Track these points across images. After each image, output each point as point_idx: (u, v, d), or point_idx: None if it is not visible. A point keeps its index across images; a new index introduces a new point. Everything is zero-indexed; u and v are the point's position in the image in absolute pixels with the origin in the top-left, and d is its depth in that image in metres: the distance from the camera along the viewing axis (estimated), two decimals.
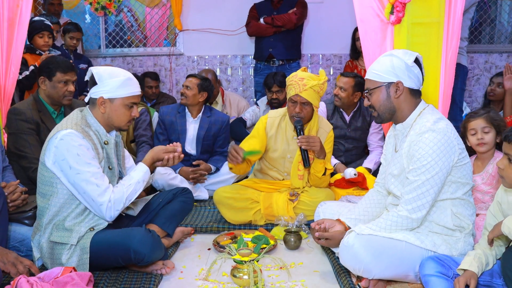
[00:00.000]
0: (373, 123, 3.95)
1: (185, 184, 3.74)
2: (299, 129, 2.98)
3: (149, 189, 3.58)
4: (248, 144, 3.10)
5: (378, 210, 2.43)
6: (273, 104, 4.49)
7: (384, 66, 2.15)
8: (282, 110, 3.23)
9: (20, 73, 3.67)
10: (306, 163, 2.98)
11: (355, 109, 3.94)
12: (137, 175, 2.36)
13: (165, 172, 3.75)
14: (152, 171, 2.47)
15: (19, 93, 3.96)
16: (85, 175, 2.17)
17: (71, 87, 3.06)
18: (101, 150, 2.32)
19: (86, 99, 2.36)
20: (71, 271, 1.99)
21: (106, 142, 2.34)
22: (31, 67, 3.75)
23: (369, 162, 3.87)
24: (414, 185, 2.05)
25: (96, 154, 2.27)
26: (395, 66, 2.13)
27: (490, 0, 5.93)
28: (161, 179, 3.71)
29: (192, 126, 3.92)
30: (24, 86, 3.79)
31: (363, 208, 2.42)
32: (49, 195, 2.25)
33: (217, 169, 3.91)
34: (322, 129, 3.18)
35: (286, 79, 3.10)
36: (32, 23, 3.79)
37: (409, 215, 2.06)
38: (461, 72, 3.72)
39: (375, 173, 3.76)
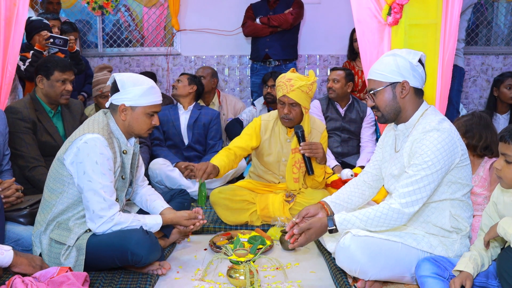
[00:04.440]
0: (366, 118, 4.08)
1: (183, 177, 3.75)
2: (300, 135, 2.95)
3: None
4: (241, 140, 3.12)
5: (360, 201, 2.41)
6: (267, 99, 4.53)
7: (388, 66, 2.13)
8: (274, 114, 3.21)
9: (23, 63, 3.65)
10: (310, 171, 2.95)
11: (349, 102, 4.10)
12: (150, 221, 2.35)
13: (164, 163, 3.79)
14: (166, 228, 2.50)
15: (23, 84, 3.93)
16: (96, 185, 2.16)
17: (69, 86, 3.06)
18: (119, 158, 2.32)
19: (107, 105, 2.36)
20: (66, 271, 1.98)
21: (124, 152, 2.35)
22: (31, 52, 3.70)
23: (362, 161, 3.91)
24: (412, 179, 2.03)
25: (114, 164, 2.26)
26: (400, 66, 2.11)
27: (486, 2, 5.95)
28: (159, 170, 3.73)
29: (184, 117, 4.10)
30: (30, 74, 3.66)
31: (347, 195, 2.39)
32: (59, 192, 2.25)
33: None
34: (315, 130, 3.16)
35: (276, 80, 3.09)
36: (31, 23, 3.77)
37: (401, 208, 2.02)
38: (457, 74, 3.75)
39: None
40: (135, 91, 2.28)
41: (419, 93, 2.18)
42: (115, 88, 2.31)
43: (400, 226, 2.11)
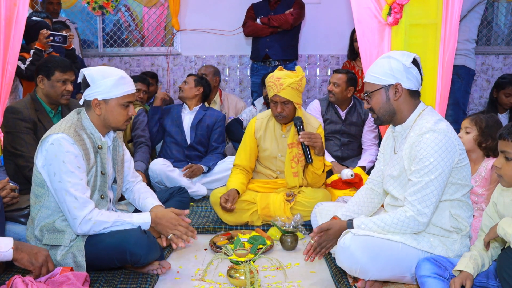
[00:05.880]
0: (368, 121, 4.02)
1: (183, 177, 3.80)
2: (299, 125, 3.01)
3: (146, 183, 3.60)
4: (244, 158, 3.21)
5: (370, 210, 2.44)
6: (266, 100, 4.53)
7: (382, 69, 2.14)
8: (269, 111, 3.26)
9: (24, 63, 3.66)
10: (308, 158, 2.98)
11: (350, 105, 4.02)
12: (137, 220, 2.29)
13: (164, 163, 3.81)
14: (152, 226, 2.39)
15: (23, 86, 3.94)
16: (66, 184, 2.14)
17: (70, 87, 3.06)
18: (93, 155, 2.28)
19: (81, 102, 2.34)
20: (68, 271, 1.99)
21: (99, 147, 2.31)
22: (32, 51, 3.71)
23: (363, 161, 3.90)
24: (418, 187, 2.03)
25: (86, 160, 2.23)
26: (393, 68, 2.12)
27: (487, 2, 5.94)
28: (159, 170, 3.75)
29: (188, 117, 4.09)
30: (31, 73, 3.64)
31: (357, 206, 2.42)
32: (41, 196, 2.24)
33: (209, 169, 3.95)
34: (310, 125, 3.19)
35: (265, 80, 3.15)
36: (32, 26, 3.79)
37: (416, 216, 2.03)
38: (466, 75, 3.66)
39: (369, 171, 3.78)
40: (106, 83, 2.24)
41: (414, 94, 2.18)
42: (85, 84, 2.27)
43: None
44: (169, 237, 2.36)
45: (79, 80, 2.33)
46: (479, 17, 3.61)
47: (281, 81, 2.97)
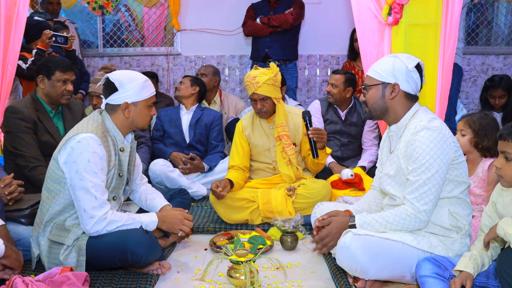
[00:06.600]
0: (368, 121, 4.01)
1: (183, 177, 3.81)
2: (308, 120, 3.07)
3: None
4: (237, 158, 3.30)
5: (378, 209, 2.45)
6: None
7: (385, 66, 2.18)
8: (252, 111, 3.38)
9: (25, 62, 3.67)
10: (315, 154, 3.05)
11: (350, 106, 4.01)
12: (145, 219, 2.35)
13: (164, 164, 3.84)
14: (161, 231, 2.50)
15: (24, 86, 3.95)
16: (87, 183, 2.16)
17: (70, 87, 3.06)
18: (115, 157, 2.31)
19: (103, 106, 2.36)
20: (68, 271, 1.98)
21: (122, 149, 2.34)
22: (34, 51, 3.74)
23: (363, 161, 3.90)
24: (416, 185, 2.05)
25: (108, 162, 2.26)
26: (395, 68, 2.15)
27: (486, 2, 5.95)
28: (159, 170, 3.77)
29: (186, 116, 4.14)
30: (32, 73, 3.63)
31: (367, 204, 2.46)
32: (55, 192, 2.25)
33: (210, 168, 3.96)
34: (293, 114, 3.28)
35: (243, 80, 3.23)
36: (33, 25, 3.79)
37: (416, 214, 2.05)
38: (457, 73, 3.74)
39: (369, 171, 3.78)
40: (134, 87, 2.30)
41: (411, 98, 2.20)
42: (111, 88, 2.30)
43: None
44: (179, 234, 2.48)
45: (100, 83, 2.36)
46: (464, 18, 3.81)
47: (256, 79, 3.08)
